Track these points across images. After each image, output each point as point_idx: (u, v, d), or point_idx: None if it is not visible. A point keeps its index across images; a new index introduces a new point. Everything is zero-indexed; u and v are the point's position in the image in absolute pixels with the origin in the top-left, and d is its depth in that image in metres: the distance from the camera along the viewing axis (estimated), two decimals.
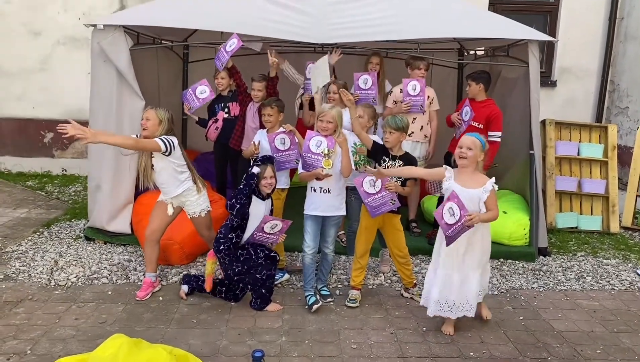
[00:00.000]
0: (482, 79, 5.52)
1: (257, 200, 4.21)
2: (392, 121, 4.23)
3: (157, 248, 4.55)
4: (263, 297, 4.27)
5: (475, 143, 3.80)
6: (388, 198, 4.17)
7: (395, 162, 4.27)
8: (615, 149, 6.91)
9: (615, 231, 6.64)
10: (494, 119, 5.44)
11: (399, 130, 4.22)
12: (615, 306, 4.61)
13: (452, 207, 3.71)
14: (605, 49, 9.03)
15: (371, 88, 5.54)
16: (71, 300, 4.34)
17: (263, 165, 4.19)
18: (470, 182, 3.79)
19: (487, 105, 5.51)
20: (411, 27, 5.34)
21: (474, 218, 3.64)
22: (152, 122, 4.28)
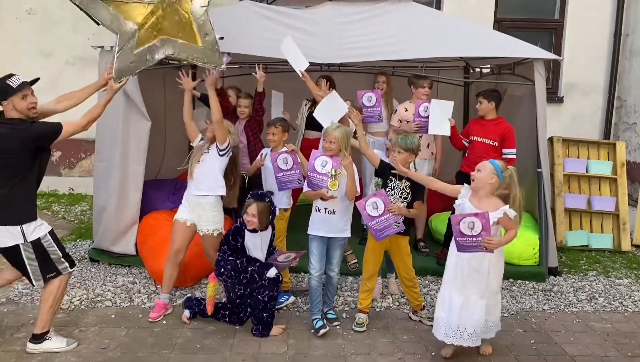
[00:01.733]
0: (494, 98, 5.45)
1: (250, 234, 4.19)
2: (403, 141, 4.13)
3: (177, 270, 4.57)
4: (265, 323, 4.16)
5: (485, 165, 3.74)
6: (392, 221, 4.09)
7: (401, 182, 4.20)
8: (624, 166, 6.83)
9: (626, 249, 6.54)
10: (508, 136, 5.37)
11: (408, 151, 4.14)
12: (629, 328, 4.51)
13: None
14: (611, 65, 8.96)
15: (375, 105, 5.49)
16: (73, 324, 4.28)
17: (250, 199, 4.17)
18: (483, 205, 3.68)
19: (500, 123, 5.44)
20: (417, 47, 5.33)
21: (493, 242, 3.56)
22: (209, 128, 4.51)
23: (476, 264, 3.71)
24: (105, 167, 5.40)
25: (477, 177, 3.73)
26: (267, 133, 4.77)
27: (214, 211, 4.53)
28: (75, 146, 8.73)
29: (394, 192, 4.18)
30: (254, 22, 5.44)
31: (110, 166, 5.34)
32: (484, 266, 3.72)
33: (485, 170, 3.73)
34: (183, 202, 4.60)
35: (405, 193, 4.17)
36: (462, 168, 5.55)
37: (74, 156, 8.81)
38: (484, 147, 5.37)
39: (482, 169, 3.73)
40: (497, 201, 3.71)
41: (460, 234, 3.62)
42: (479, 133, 5.46)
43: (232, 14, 5.69)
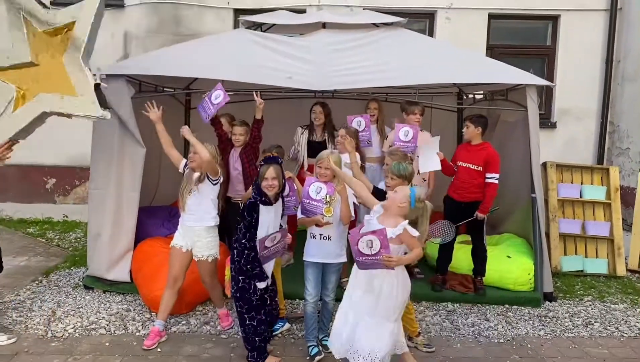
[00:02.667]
0: (481, 123, 5.49)
1: (264, 208, 4.04)
2: (396, 168, 4.14)
3: (175, 297, 4.56)
4: (258, 349, 4.08)
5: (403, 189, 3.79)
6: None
7: None
8: (618, 191, 6.87)
9: (621, 274, 6.54)
10: (491, 161, 5.39)
11: (401, 178, 4.13)
12: (625, 354, 4.50)
13: (373, 241, 3.55)
14: (603, 91, 9.08)
15: (365, 130, 5.55)
16: (67, 352, 4.24)
17: (265, 165, 4.05)
18: (385, 221, 3.68)
19: (485, 148, 5.48)
20: (410, 73, 5.40)
21: (392, 260, 3.49)
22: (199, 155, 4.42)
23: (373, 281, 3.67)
24: (99, 193, 5.39)
25: (391, 197, 3.77)
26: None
27: (208, 237, 4.54)
28: (69, 173, 8.75)
29: None
30: (248, 50, 5.52)
31: (105, 193, 5.35)
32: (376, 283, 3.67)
33: (400, 192, 3.75)
34: (178, 229, 4.61)
35: None
36: (449, 192, 5.60)
37: (68, 183, 8.82)
38: (469, 172, 5.40)
39: (398, 191, 3.77)
40: (399, 219, 3.69)
41: (359, 254, 3.53)
42: (464, 158, 5.50)
43: (226, 41, 5.78)
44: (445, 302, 5.42)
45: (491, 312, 5.24)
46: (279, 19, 6.23)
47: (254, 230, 4.00)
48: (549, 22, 9.10)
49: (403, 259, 3.63)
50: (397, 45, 5.68)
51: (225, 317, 4.81)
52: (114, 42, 8.64)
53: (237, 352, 4.31)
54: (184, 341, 4.51)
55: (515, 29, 9.32)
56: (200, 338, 4.58)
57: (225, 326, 4.76)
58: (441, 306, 5.37)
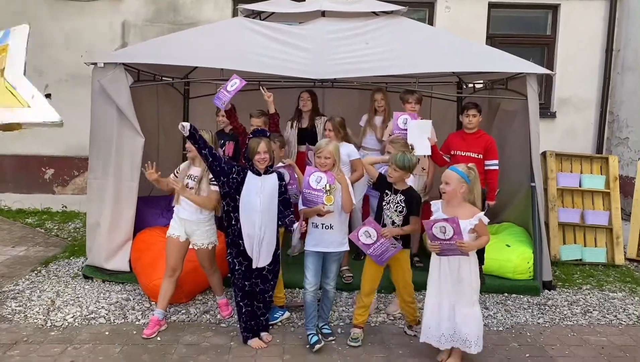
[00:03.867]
0: (482, 112, 5.51)
1: (252, 175, 4.17)
2: (400, 160, 4.14)
3: (175, 286, 4.56)
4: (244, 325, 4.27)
5: (451, 177, 3.85)
6: (388, 243, 4.12)
7: (396, 196, 4.20)
8: (617, 180, 6.87)
9: (620, 263, 6.55)
10: (491, 148, 5.48)
11: (404, 170, 4.16)
12: (623, 341, 4.51)
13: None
14: (603, 80, 9.06)
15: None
16: (67, 341, 4.25)
17: (255, 139, 4.16)
18: (456, 214, 3.80)
19: (482, 135, 5.53)
20: (409, 62, 5.37)
21: (465, 246, 3.69)
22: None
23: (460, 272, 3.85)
24: (98, 183, 5.38)
25: (448, 191, 3.85)
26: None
27: (206, 226, 4.53)
28: (68, 164, 8.74)
29: (390, 206, 4.20)
30: (247, 38, 5.48)
31: (104, 182, 5.34)
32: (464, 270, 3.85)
33: (452, 181, 3.83)
34: (174, 218, 4.58)
35: (400, 206, 4.18)
36: None
37: (67, 174, 8.80)
38: (468, 160, 5.28)
39: (449, 181, 3.84)
40: (471, 208, 3.87)
41: (433, 238, 3.75)
42: (461, 147, 5.51)
43: (225, 29, 5.74)
44: None
45: (490, 300, 5.25)
46: (278, 7, 6.19)
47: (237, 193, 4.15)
48: (549, 11, 9.07)
49: (474, 244, 3.81)
50: (397, 34, 5.64)
51: (225, 306, 4.81)
52: (112, 32, 8.61)
53: (237, 340, 4.32)
54: (184, 330, 4.51)
55: (515, 18, 9.29)
56: (200, 327, 4.58)
57: (225, 315, 4.76)
58: None
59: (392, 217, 4.19)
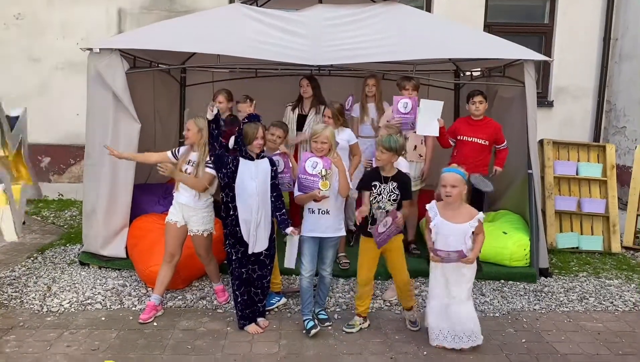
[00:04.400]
0: (489, 97, 5.51)
1: (245, 161, 4.18)
2: (386, 141, 4.08)
3: (173, 271, 4.56)
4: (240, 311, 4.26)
5: (457, 180, 3.83)
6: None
7: (387, 185, 4.13)
8: (614, 168, 6.87)
9: (616, 251, 6.56)
10: (500, 134, 5.52)
11: (391, 151, 4.09)
12: (619, 327, 4.52)
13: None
14: (600, 69, 9.06)
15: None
16: (63, 326, 4.24)
17: (251, 124, 4.18)
18: (457, 217, 3.86)
19: (489, 122, 5.53)
20: (407, 49, 5.34)
21: (470, 259, 3.82)
22: (191, 131, 4.41)
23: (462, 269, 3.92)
24: (95, 169, 5.35)
25: (454, 194, 3.83)
26: (271, 134, 4.63)
27: (204, 212, 4.51)
28: (64, 152, 8.71)
29: (382, 197, 4.12)
30: (244, 25, 5.44)
31: (100, 169, 5.30)
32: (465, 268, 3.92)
33: (459, 184, 3.83)
34: (173, 203, 4.57)
35: (394, 195, 4.12)
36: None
37: (63, 162, 8.78)
38: (474, 146, 5.43)
39: (456, 184, 3.82)
40: (469, 209, 3.94)
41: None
42: (468, 133, 5.49)
43: (221, 16, 5.70)
44: None
45: (487, 287, 5.25)
46: None
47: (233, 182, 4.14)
48: (547, 0, 9.04)
49: (475, 253, 3.88)
50: (395, 20, 5.61)
51: (222, 292, 4.81)
52: (107, 19, 8.56)
53: (233, 326, 4.31)
54: (180, 316, 4.51)
55: (513, 7, 9.27)
56: (196, 312, 4.58)
57: (222, 301, 4.76)
58: None
59: (386, 208, 4.11)
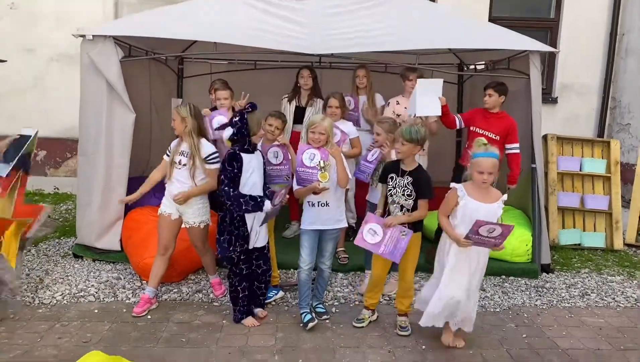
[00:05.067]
0: (504, 92, 5.29)
1: (246, 155, 4.06)
2: (407, 132, 3.86)
3: (167, 264, 4.47)
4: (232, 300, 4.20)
5: (495, 165, 3.62)
6: (397, 233, 3.90)
7: (403, 179, 3.94)
8: (618, 164, 6.78)
9: (619, 248, 6.47)
10: (512, 131, 5.25)
11: (412, 143, 3.87)
12: (621, 323, 4.44)
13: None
14: (606, 65, 8.95)
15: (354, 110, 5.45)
16: (55, 319, 4.15)
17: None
18: (486, 197, 3.67)
19: (504, 117, 5.30)
20: (409, 38, 5.23)
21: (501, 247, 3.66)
22: (176, 121, 4.33)
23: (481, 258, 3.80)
24: (89, 160, 5.25)
25: (491, 180, 3.63)
26: (267, 124, 4.54)
27: (198, 203, 4.41)
28: (60, 146, 8.62)
29: (396, 190, 3.95)
30: (243, 13, 5.33)
31: (95, 159, 5.21)
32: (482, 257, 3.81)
33: (496, 169, 3.63)
34: (166, 195, 4.47)
35: (408, 190, 3.91)
36: (462, 161, 5.40)
37: (60, 156, 8.69)
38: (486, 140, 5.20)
39: (493, 171, 3.61)
40: (495, 191, 3.76)
41: (475, 233, 3.56)
42: (481, 125, 5.28)
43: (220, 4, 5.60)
44: None
45: (487, 282, 5.16)
46: None
47: (238, 179, 4.00)
48: None
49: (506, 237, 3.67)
50: (397, 9, 5.49)
51: (218, 285, 4.72)
52: (104, 10, 8.46)
53: (229, 319, 4.23)
54: (175, 309, 4.42)
55: (518, 1, 9.15)
56: (192, 306, 4.49)
57: (218, 294, 4.67)
58: None
59: (400, 203, 3.94)
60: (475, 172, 3.63)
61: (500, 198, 3.70)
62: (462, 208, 3.69)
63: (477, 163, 3.62)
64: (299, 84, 5.90)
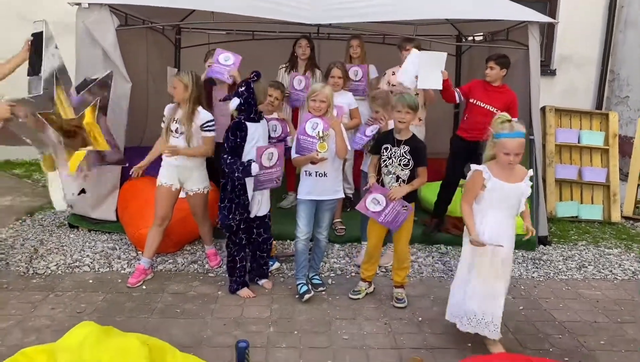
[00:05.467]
0: (506, 65, 5.14)
1: (252, 124, 4.00)
2: (409, 100, 3.83)
3: (162, 235, 4.45)
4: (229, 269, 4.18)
5: (522, 145, 3.31)
6: (399, 206, 3.87)
7: (399, 149, 3.90)
8: (617, 136, 6.74)
9: (616, 221, 6.47)
10: (513, 106, 5.11)
11: (414, 110, 3.86)
12: (618, 295, 4.44)
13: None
14: (605, 38, 8.86)
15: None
16: (49, 289, 4.13)
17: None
18: (512, 176, 3.38)
19: (506, 91, 5.18)
20: (406, 9, 5.14)
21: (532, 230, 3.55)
22: (178, 89, 4.25)
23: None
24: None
25: (517, 161, 3.34)
26: (270, 95, 4.50)
27: (200, 170, 4.40)
28: None
29: (392, 160, 3.92)
30: None
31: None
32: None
33: (522, 150, 3.32)
34: (163, 166, 4.42)
35: (405, 160, 3.88)
36: (458, 133, 5.33)
37: None
38: (485, 113, 5.03)
39: (521, 151, 3.30)
40: (519, 168, 3.44)
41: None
42: (482, 98, 5.15)
43: None
44: (439, 245, 5.35)
45: None
46: None
47: (241, 150, 3.95)
48: None
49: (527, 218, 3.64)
50: None
51: (214, 256, 4.71)
52: None
53: (224, 289, 4.22)
54: (170, 279, 4.41)
55: None
56: (187, 276, 4.48)
57: (214, 265, 4.66)
58: (434, 248, 5.30)
59: (396, 173, 3.91)
60: (501, 154, 3.31)
61: (526, 175, 3.43)
62: (489, 191, 3.39)
63: (502, 144, 3.30)
64: (296, 53, 5.80)
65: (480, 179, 3.39)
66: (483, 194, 3.42)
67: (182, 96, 4.25)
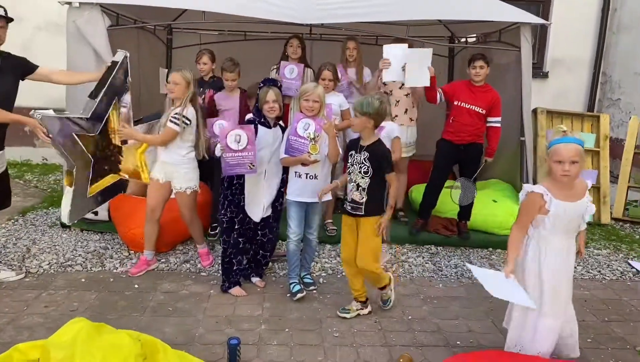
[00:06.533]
0: (490, 62, 5.18)
1: (264, 129, 4.06)
2: (359, 104, 3.64)
3: (157, 227, 4.50)
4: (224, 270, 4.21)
5: (579, 152, 2.97)
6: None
7: (360, 155, 3.67)
8: (608, 138, 6.79)
9: (606, 222, 6.52)
10: (497, 105, 5.13)
11: (365, 115, 3.60)
12: (606, 295, 4.49)
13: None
14: (597, 40, 8.90)
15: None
16: (42, 287, 4.15)
17: (265, 87, 4.05)
18: (571, 194, 3.04)
19: (489, 91, 5.18)
20: (400, 9, 5.16)
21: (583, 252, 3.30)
22: (179, 86, 4.24)
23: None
24: None
25: (575, 172, 2.97)
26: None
27: (185, 168, 4.38)
28: None
29: (354, 168, 3.72)
30: None
31: None
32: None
33: (581, 158, 2.97)
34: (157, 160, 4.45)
35: (365, 167, 3.65)
36: (445, 135, 5.29)
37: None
38: (472, 114, 5.09)
39: (577, 159, 2.95)
40: (581, 181, 3.13)
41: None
42: (467, 100, 5.14)
43: None
44: (429, 245, 5.37)
45: (475, 255, 5.20)
46: None
47: None
48: None
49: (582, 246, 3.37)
50: None
51: (206, 255, 4.73)
52: None
53: (216, 288, 4.24)
54: (163, 278, 4.42)
55: None
56: (179, 275, 4.50)
57: (206, 265, 4.68)
58: (425, 248, 5.33)
59: (357, 181, 3.69)
60: (554, 163, 2.99)
61: (586, 189, 3.12)
62: (552, 216, 3.03)
63: (555, 151, 2.99)
64: (287, 53, 5.80)
65: (539, 201, 3.03)
66: (544, 219, 3.07)
67: (182, 93, 4.25)
